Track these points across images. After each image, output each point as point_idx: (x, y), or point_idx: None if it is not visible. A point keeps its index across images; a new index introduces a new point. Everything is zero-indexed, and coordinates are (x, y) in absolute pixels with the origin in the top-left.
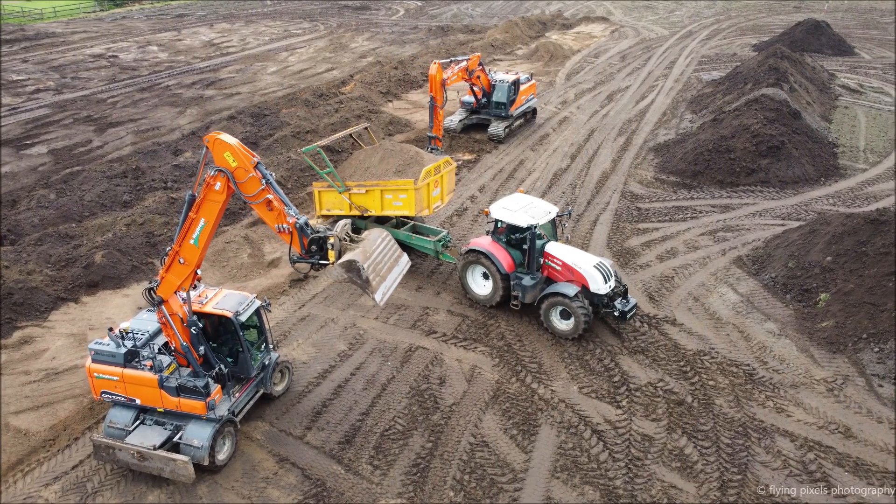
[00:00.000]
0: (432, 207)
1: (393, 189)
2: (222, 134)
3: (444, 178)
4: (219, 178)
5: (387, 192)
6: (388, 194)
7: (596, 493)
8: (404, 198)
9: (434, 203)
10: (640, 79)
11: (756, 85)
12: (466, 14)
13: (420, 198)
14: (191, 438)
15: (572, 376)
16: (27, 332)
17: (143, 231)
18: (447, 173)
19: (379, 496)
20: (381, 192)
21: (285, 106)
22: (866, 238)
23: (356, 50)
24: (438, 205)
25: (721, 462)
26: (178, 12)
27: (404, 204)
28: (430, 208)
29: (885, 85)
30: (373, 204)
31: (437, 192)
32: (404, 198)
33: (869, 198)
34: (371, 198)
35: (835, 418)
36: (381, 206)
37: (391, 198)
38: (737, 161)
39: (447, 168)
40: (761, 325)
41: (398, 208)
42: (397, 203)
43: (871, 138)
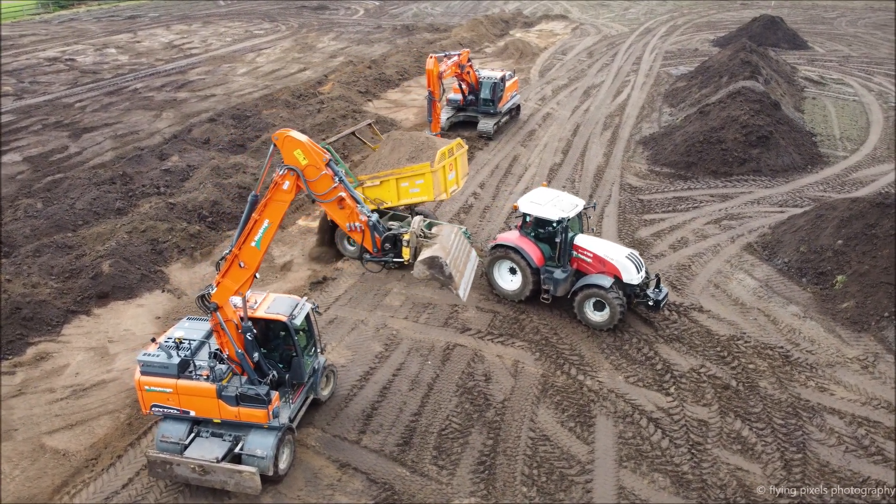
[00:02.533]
0: (449, 191)
1: (409, 176)
2: (292, 131)
3: (458, 160)
4: (288, 177)
5: (402, 180)
6: (403, 182)
7: (666, 479)
8: (421, 183)
9: (451, 187)
10: (612, 74)
11: (732, 78)
12: (427, 13)
13: (437, 181)
14: (254, 448)
15: (615, 366)
16: (42, 348)
17: (147, 238)
18: (460, 156)
19: (451, 496)
20: (397, 181)
21: (265, 107)
22: (874, 221)
23: (324, 50)
24: (455, 188)
25: (779, 442)
26: (129, 14)
27: (421, 190)
28: (448, 192)
29: (844, 76)
30: (388, 195)
31: (453, 175)
32: (421, 183)
33: (856, 183)
34: (386, 189)
35: (875, 394)
36: (397, 195)
37: (407, 185)
38: (729, 151)
39: (460, 150)
40: (785, 309)
41: (415, 195)
42: (414, 190)
43: (844, 127)
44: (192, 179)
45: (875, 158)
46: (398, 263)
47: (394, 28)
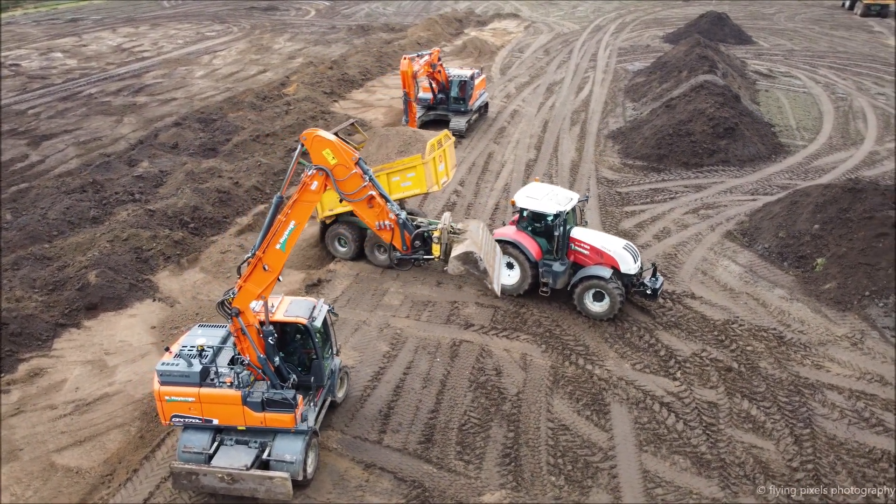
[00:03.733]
0: (440, 183)
1: (400, 169)
2: (320, 130)
3: (447, 151)
4: (316, 177)
5: (393, 175)
6: (394, 176)
7: (686, 461)
8: (413, 176)
9: (441, 178)
10: (571, 71)
11: (691, 73)
12: (379, 13)
13: (429, 172)
14: (282, 454)
15: (620, 355)
16: (34, 364)
17: (130, 247)
18: (448, 147)
19: (482, 490)
20: (388, 176)
21: (230, 110)
22: (847, 205)
23: (281, 51)
24: (445, 180)
25: (787, 419)
26: (70, 16)
27: (413, 182)
28: (439, 183)
29: (791, 69)
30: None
31: (443, 167)
32: (413, 176)
33: (818, 171)
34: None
35: (867, 369)
36: (388, 190)
37: (399, 179)
38: (698, 143)
39: (448, 142)
40: (772, 292)
41: (407, 189)
42: (406, 183)
43: (799, 118)
44: (166, 185)
45: (832, 147)
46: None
47: (349, 28)
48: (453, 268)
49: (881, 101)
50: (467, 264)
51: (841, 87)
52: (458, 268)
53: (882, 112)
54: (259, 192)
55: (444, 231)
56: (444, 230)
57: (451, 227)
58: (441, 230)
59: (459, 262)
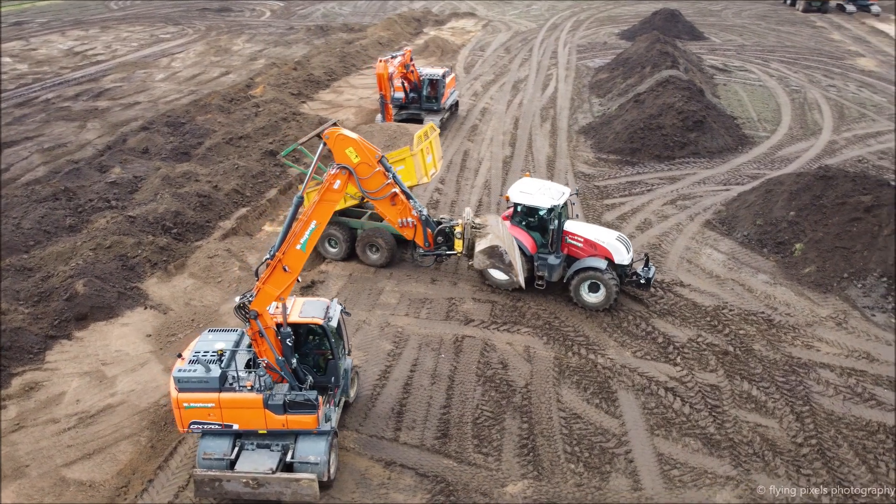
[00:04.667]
0: (429, 174)
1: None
2: (342, 129)
3: (433, 143)
4: (339, 176)
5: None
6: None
7: (697, 442)
8: (402, 169)
9: (430, 170)
10: (534, 69)
11: (655, 68)
12: (336, 13)
13: (418, 164)
14: (306, 455)
15: (620, 343)
16: (28, 378)
17: (114, 254)
18: (434, 138)
19: (504, 481)
20: None
21: (198, 113)
22: (820, 192)
23: (241, 53)
24: (434, 171)
25: (786, 398)
26: (13, 20)
27: (403, 175)
28: (428, 175)
29: (745, 64)
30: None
31: (430, 158)
32: (402, 169)
33: (784, 160)
34: None
35: (854, 347)
36: None
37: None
38: (669, 136)
39: (433, 133)
40: (755, 278)
41: None
42: None
43: (759, 110)
44: (142, 191)
45: (793, 137)
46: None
47: (308, 29)
48: (479, 262)
49: (833, 93)
50: (492, 258)
51: (794, 80)
52: (483, 262)
53: (835, 103)
54: (239, 195)
55: (467, 226)
56: (466, 225)
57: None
58: (464, 225)
59: (485, 255)
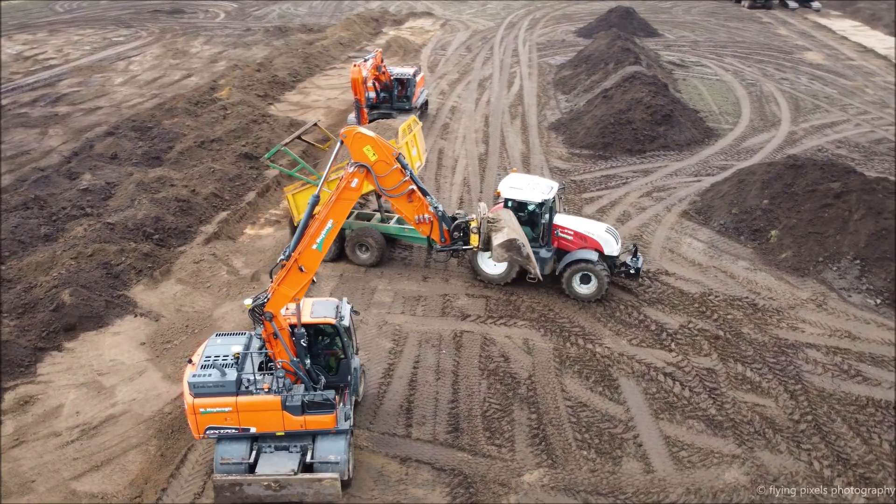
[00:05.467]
0: (415, 167)
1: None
2: (360, 127)
3: (417, 136)
4: (357, 174)
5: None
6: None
7: (700, 424)
8: None
9: (415, 163)
10: (497, 67)
11: (618, 64)
12: (292, 14)
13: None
14: (325, 455)
15: (615, 332)
16: (22, 392)
17: (97, 262)
18: (418, 131)
19: (521, 470)
20: None
21: (164, 117)
22: (791, 181)
23: (200, 55)
24: (419, 165)
25: (778, 377)
26: None
27: None
28: (414, 168)
29: (700, 59)
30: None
31: (415, 151)
32: None
33: (749, 151)
34: None
35: (836, 327)
36: None
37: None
38: (639, 130)
39: (416, 126)
40: (736, 264)
41: None
42: None
43: (719, 103)
44: (116, 197)
45: (755, 129)
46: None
47: (266, 30)
48: (498, 255)
49: (786, 86)
50: (510, 251)
51: (748, 74)
52: (502, 255)
53: (790, 95)
54: (218, 198)
55: (483, 220)
56: (483, 220)
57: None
58: (481, 220)
59: (503, 249)
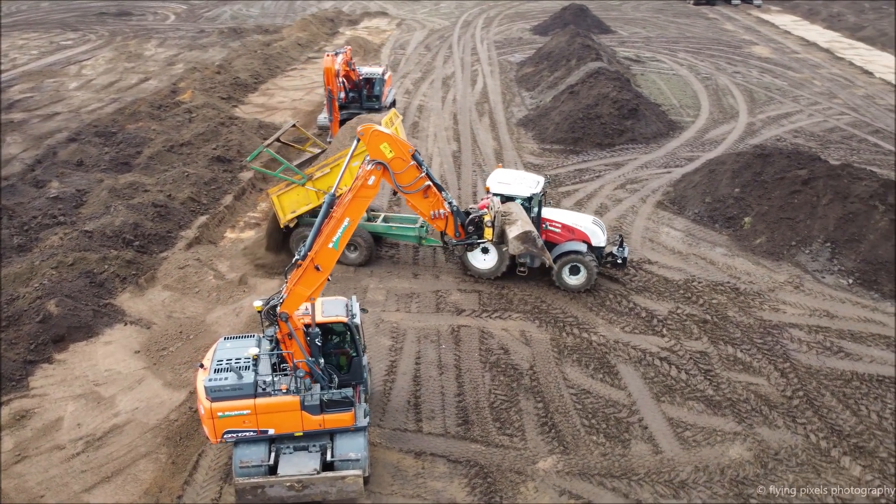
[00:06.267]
0: None
1: (360, 152)
2: (377, 125)
3: (398, 130)
4: (374, 172)
5: (353, 160)
6: (354, 161)
7: (700, 404)
8: None
9: None
10: (458, 65)
11: (580, 61)
12: (244, 14)
13: None
14: (346, 453)
15: (608, 321)
16: (16, 407)
17: (79, 272)
18: (399, 125)
19: (534, 458)
20: None
21: (127, 121)
22: (760, 169)
23: (155, 58)
24: None
25: (767, 356)
26: None
27: None
28: None
29: (655, 55)
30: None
31: None
32: None
33: (713, 142)
34: (337, 173)
35: (814, 306)
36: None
37: (359, 163)
38: (607, 125)
39: (397, 120)
40: (714, 251)
41: None
42: None
43: (678, 97)
44: (88, 204)
45: (715, 121)
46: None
47: (220, 31)
48: (514, 248)
49: (739, 79)
50: (526, 243)
51: (702, 69)
52: (518, 247)
53: (744, 88)
54: (196, 203)
55: (498, 215)
56: (497, 214)
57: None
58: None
59: (519, 241)
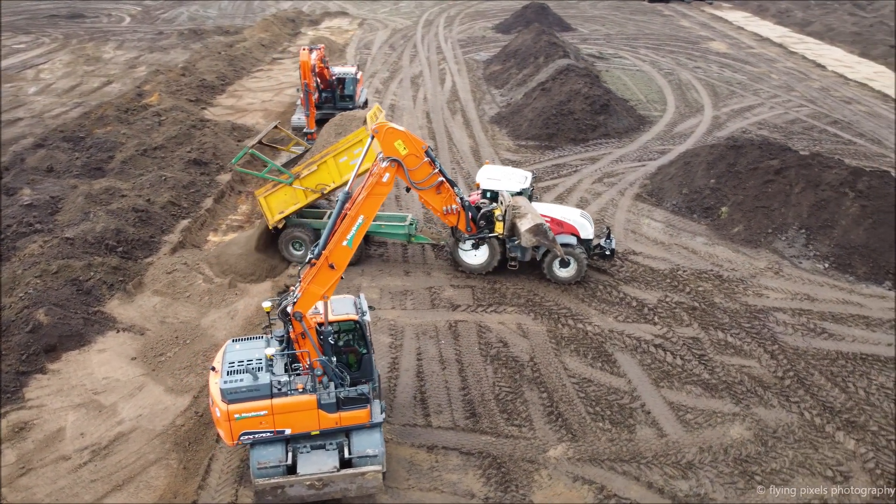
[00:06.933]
0: None
1: (346, 148)
2: (391, 122)
3: None
4: (389, 169)
5: (340, 155)
6: (342, 157)
7: (697, 388)
8: (359, 152)
9: None
10: (425, 64)
11: (548, 58)
12: (202, 16)
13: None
14: (363, 449)
15: (601, 311)
16: (14, 419)
17: (65, 279)
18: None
19: (545, 446)
20: (335, 158)
21: (95, 126)
22: (734, 160)
23: (115, 61)
24: None
25: (756, 340)
26: None
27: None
28: None
29: (617, 51)
30: (329, 175)
31: None
32: (359, 152)
33: (682, 136)
34: (325, 170)
35: (795, 291)
36: (338, 172)
37: (347, 159)
38: (580, 120)
39: (381, 114)
40: (694, 240)
41: None
42: (355, 161)
43: (645, 92)
44: (64, 211)
45: (682, 115)
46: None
47: (180, 33)
48: (527, 240)
49: (701, 74)
50: (538, 235)
51: (664, 64)
52: (530, 240)
53: (706, 82)
54: (176, 206)
55: (509, 209)
56: (509, 207)
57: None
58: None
59: (531, 234)
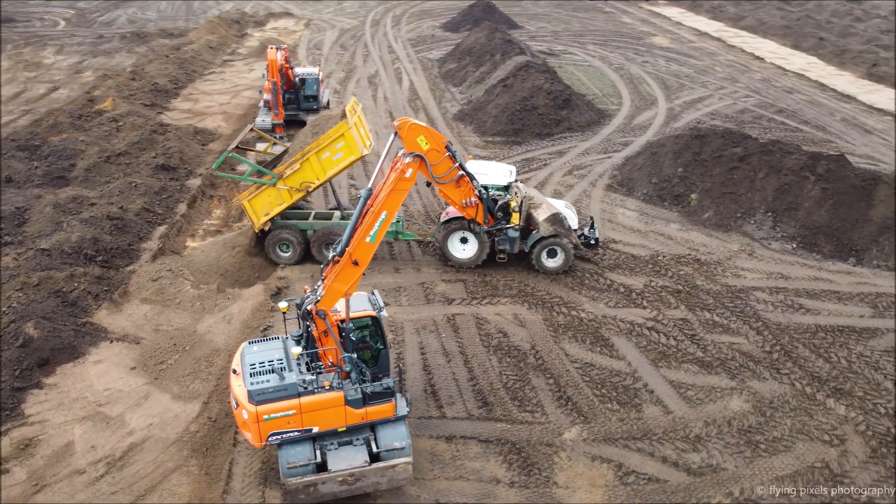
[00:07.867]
0: (367, 144)
1: (327, 144)
2: (413, 118)
3: (360, 118)
4: (412, 164)
5: (322, 151)
6: (324, 153)
7: (693, 366)
8: (342, 146)
9: (366, 142)
10: (379, 64)
11: (505, 55)
12: (141, 18)
13: (357, 136)
14: (390, 442)
15: (591, 298)
16: (17, 436)
17: (48, 291)
18: (360, 113)
19: (559, 430)
20: (318, 155)
21: (49, 133)
22: (699, 149)
23: (58, 66)
24: (370, 143)
25: (741, 318)
26: None
27: (346, 151)
28: (367, 146)
29: (567, 48)
30: (314, 173)
31: (363, 131)
32: (342, 146)
33: (641, 128)
34: (309, 168)
35: (769, 270)
36: (322, 169)
37: (329, 154)
38: (544, 115)
39: (358, 108)
40: (669, 227)
41: (341, 160)
42: (338, 156)
43: (599, 87)
44: (31, 222)
45: (638, 108)
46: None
47: (122, 36)
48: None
49: (649, 68)
50: (555, 224)
51: (613, 59)
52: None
53: (655, 76)
54: (150, 213)
55: (525, 200)
56: (525, 199)
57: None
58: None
59: (549, 223)
